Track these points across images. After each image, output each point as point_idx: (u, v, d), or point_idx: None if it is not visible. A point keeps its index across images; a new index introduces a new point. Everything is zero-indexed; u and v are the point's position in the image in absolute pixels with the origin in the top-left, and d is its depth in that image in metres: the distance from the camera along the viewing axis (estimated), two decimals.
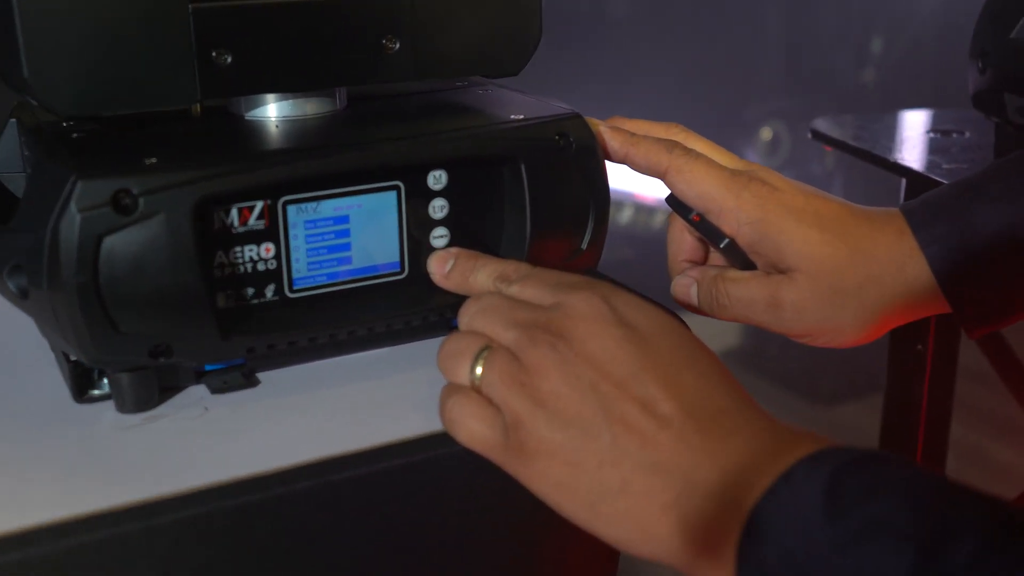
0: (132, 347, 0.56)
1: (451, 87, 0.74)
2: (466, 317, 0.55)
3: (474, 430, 0.51)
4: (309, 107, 0.65)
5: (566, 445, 0.49)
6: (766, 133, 2.35)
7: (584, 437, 0.48)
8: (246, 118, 0.65)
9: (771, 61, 2.38)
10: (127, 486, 0.52)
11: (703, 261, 0.70)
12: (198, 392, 0.61)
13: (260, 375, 0.63)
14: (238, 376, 0.61)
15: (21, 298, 0.57)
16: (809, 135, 1.13)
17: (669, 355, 0.50)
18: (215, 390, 0.61)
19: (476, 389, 0.52)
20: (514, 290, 0.55)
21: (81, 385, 0.60)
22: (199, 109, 0.66)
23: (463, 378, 0.52)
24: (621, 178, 0.69)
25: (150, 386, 0.59)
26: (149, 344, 0.57)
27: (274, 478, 0.53)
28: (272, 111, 0.65)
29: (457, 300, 0.58)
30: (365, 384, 0.62)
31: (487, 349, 0.52)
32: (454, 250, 0.61)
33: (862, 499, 0.42)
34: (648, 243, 2.21)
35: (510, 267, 0.58)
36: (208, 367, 0.61)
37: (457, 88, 0.73)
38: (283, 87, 0.63)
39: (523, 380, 0.50)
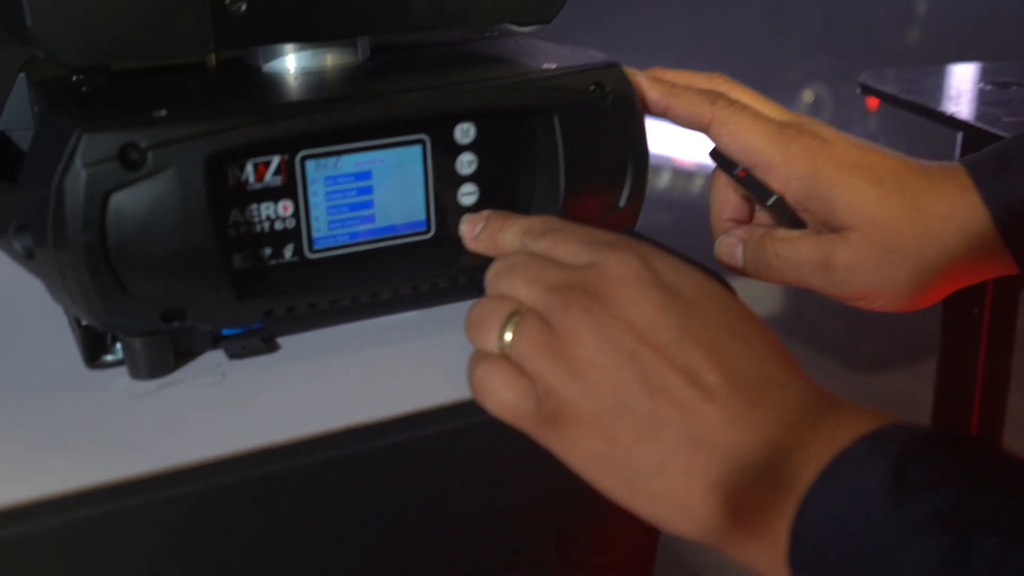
0: (143, 311, 0.53)
1: (480, 38, 0.70)
2: (492, 278, 0.51)
3: (505, 399, 0.48)
4: (329, 58, 0.62)
5: (602, 417, 0.45)
6: (808, 95, 2.29)
7: (621, 409, 0.45)
8: (263, 70, 0.61)
9: (810, 18, 2.31)
10: (139, 456, 0.49)
11: (748, 220, 0.66)
12: (216, 357, 0.58)
13: (280, 340, 0.60)
14: (257, 341, 0.58)
15: (27, 259, 0.54)
16: (858, 90, 1.08)
17: (714, 321, 0.46)
18: (233, 355, 0.58)
19: (506, 357, 0.48)
20: (543, 244, 0.51)
21: (93, 351, 0.57)
22: (214, 61, 0.62)
23: (492, 345, 0.49)
24: (658, 141, 0.65)
25: (165, 351, 0.56)
26: (161, 307, 0.54)
27: (294, 448, 0.50)
28: (291, 63, 0.61)
29: (488, 261, 0.54)
30: (390, 349, 0.59)
31: (516, 314, 0.48)
32: (486, 212, 0.57)
33: (931, 485, 0.39)
34: (687, 207, 2.17)
35: (537, 221, 0.53)
36: (225, 331, 0.58)
37: (486, 38, 0.69)
38: (301, 37, 0.60)
39: (556, 347, 0.46)
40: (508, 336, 0.48)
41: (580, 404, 0.45)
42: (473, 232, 0.56)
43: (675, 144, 2.20)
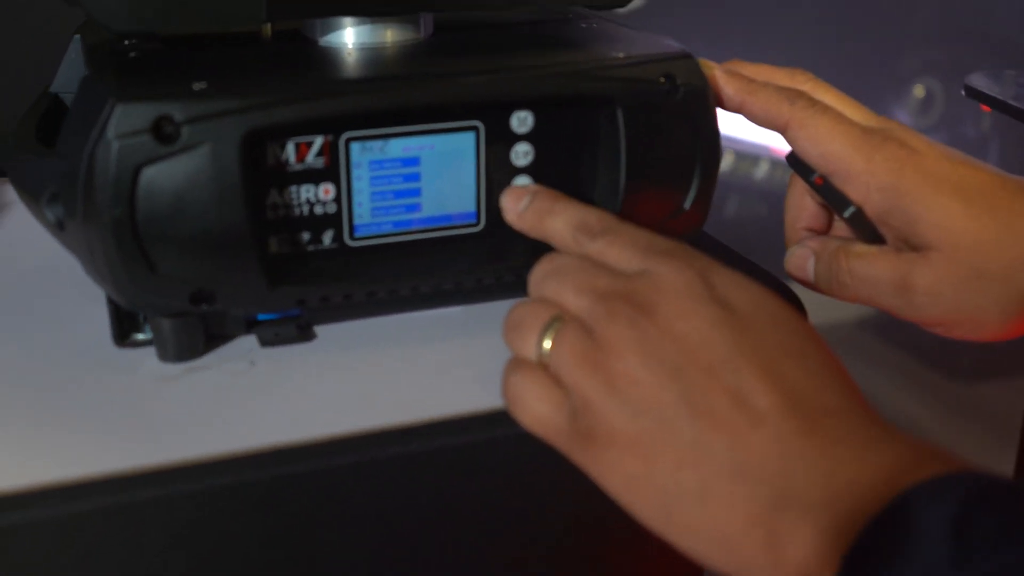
0: (171, 291, 0.51)
1: (552, 19, 0.66)
2: (536, 280, 0.48)
3: (538, 412, 0.44)
4: (389, 34, 0.59)
5: (641, 438, 0.41)
6: (918, 90, 2.20)
7: (662, 430, 0.41)
8: (320, 44, 0.59)
9: (925, 8, 2.21)
10: (152, 446, 0.47)
11: (825, 231, 0.61)
12: (249, 343, 0.56)
13: (318, 328, 0.57)
14: (292, 328, 0.56)
15: (59, 230, 0.52)
16: (963, 92, 1.02)
17: (770, 342, 0.42)
18: (265, 342, 0.55)
19: (544, 366, 0.45)
20: (596, 247, 0.48)
21: (123, 329, 0.55)
22: (269, 32, 0.60)
23: (529, 352, 0.45)
24: (757, 130, 0.60)
25: (194, 334, 0.54)
26: (190, 289, 0.51)
27: (308, 450, 0.48)
28: (349, 37, 0.58)
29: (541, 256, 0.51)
30: (429, 348, 0.56)
31: (558, 321, 0.45)
32: (533, 187, 0.53)
33: (996, 542, 0.35)
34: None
35: (594, 216, 0.50)
36: (260, 317, 0.55)
37: (557, 21, 0.66)
38: (358, 10, 0.57)
39: (596, 359, 0.43)
40: (547, 344, 0.45)
41: (618, 422, 0.42)
42: (517, 206, 0.52)
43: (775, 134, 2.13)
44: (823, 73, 0.61)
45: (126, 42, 0.57)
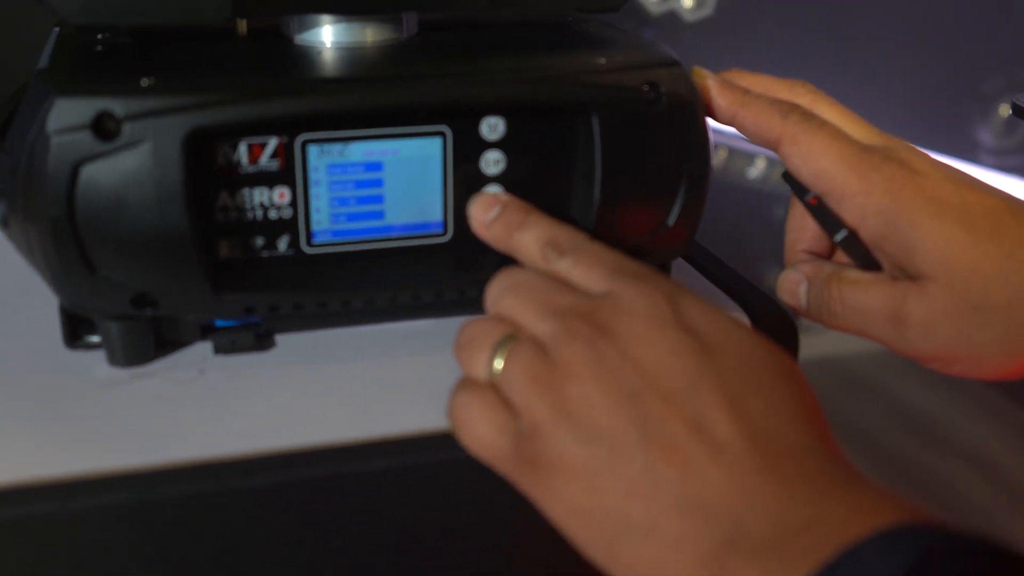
0: (112, 293, 0.49)
1: (546, 23, 0.63)
2: (493, 295, 0.45)
3: (482, 434, 0.41)
4: (369, 33, 0.56)
5: (589, 465, 0.38)
6: (1004, 110, 2.11)
7: (613, 458, 0.38)
8: (295, 42, 0.56)
9: (1011, 26, 2.12)
10: (84, 452, 0.46)
11: (828, 255, 0.57)
12: (205, 350, 0.54)
13: (279, 337, 0.55)
14: (249, 337, 0.53)
15: (4, 226, 0.51)
16: (1009, 111, 0.96)
17: (737, 374, 0.39)
18: (220, 350, 0.53)
19: (494, 386, 0.42)
20: (563, 264, 0.45)
21: (73, 330, 0.53)
22: (245, 29, 0.57)
23: (480, 372, 0.43)
24: None
25: (144, 338, 0.52)
26: (131, 292, 0.49)
27: (233, 466, 0.45)
28: (326, 35, 0.56)
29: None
30: (387, 362, 0.53)
31: (511, 339, 0.42)
32: (504, 196, 0.50)
33: None
34: None
35: (565, 234, 0.47)
36: (219, 323, 0.53)
37: (551, 23, 0.62)
38: (329, 7, 0.54)
39: (549, 380, 0.40)
40: (498, 363, 0.42)
41: (567, 448, 0.39)
42: (485, 216, 0.49)
43: None
44: (902, 92, 0.57)
45: (99, 36, 0.56)
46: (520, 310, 0.43)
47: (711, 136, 0.54)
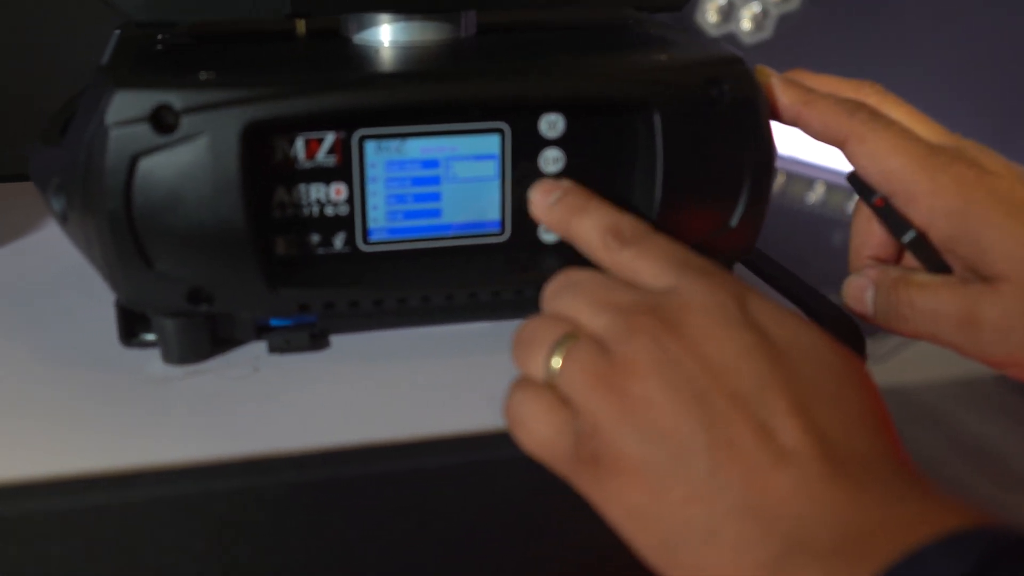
0: (168, 288, 0.49)
1: (606, 22, 0.62)
2: (550, 294, 0.44)
3: (539, 434, 0.40)
4: (427, 32, 0.56)
5: (650, 466, 0.37)
6: None
7: (674, 460, 0.37)
8: (354, 41, 0.56)
9: None
10: (137, 447, 0.45)
11: (895, 260, 0.55)
12: (260, 349, 0.53)
13: (334, 338, 0.54)
14: (304, 336, 0.53)
15: (63, 221, 0.51)
16: None
17: (806, 378, 0.38)
18: (274, 349, 0.53)
19: (552, 386, 0.41)
20: (626, 255, 0.44)
21: (129, 328, 0.53)
22: (303, 29, 0.57)
23: (537, 371, 0.41)
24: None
25: (199, 336, 0.52)
26: (187, 287, 0.49)
27: (287, 462, 0.45)
28: (384, 34, 0.55)
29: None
30: (443, 363, 0.52)
31: (570, 338, 0.41)
32: (567, 181, 0.49)
33: None
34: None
35: (628, 222, 0.46)
36: (273, 322, 0.53)
37: (610, 24, 0.62)
38: (387, 6, 0.54)
39: (610, 378, 0.39)
40: (556, 362, 0.41)
41: (627, 448, 0.38)
42: (546, 201, 0.49)
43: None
44: (968, 117, 0.55)
45: (159, 36, 0.56)
46: (579, 307, 0.42)
47: (774, 136, 0.53)
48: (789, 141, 0.54)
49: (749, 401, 0.37)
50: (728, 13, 1.76)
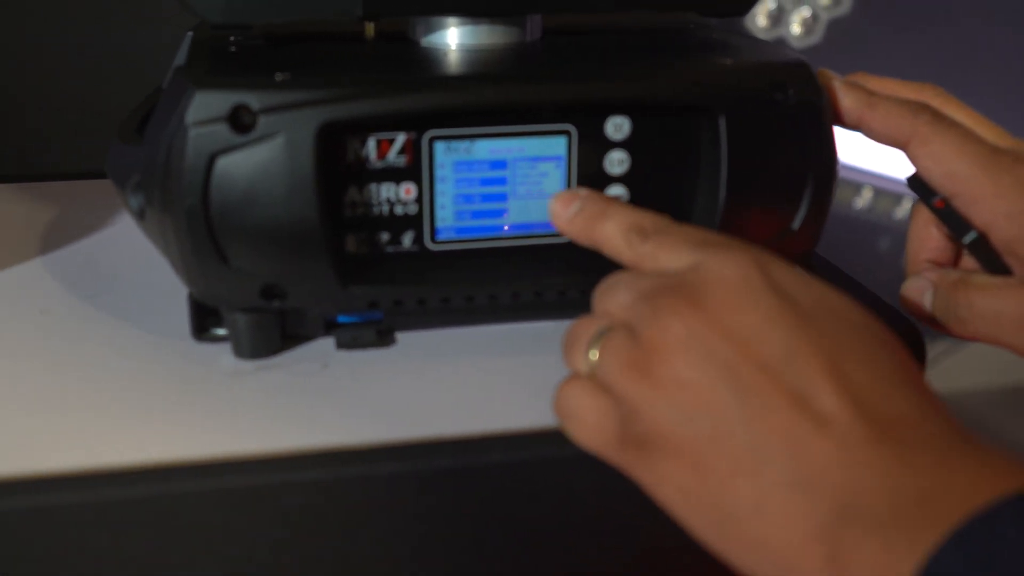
0: (243, 284, 0.50)
1: (670, 27, 0.63)
2: (596, 296, 0.45)
3: (586, 423, 0.41)
4: (493, 36, 0.57)
5: (692, 443, 0.37)
6: None
7: (714, 435, 0.37)
8: (422, 44, 0.57)
9: None
10: (210, 439, 0.46)
11: (952, 264, 0.56)
12: (329, 345, 0.54)
13: (401, 335, 0.55)
14: (371, 333, 0.54)
15: (140, 218, 0.52)
16: None
17: (837, 340, 0.38)
18: (342, 345, 0.54)
19: (593, 377, 0.42)
20: (648, 248, 0.44)
21: (201, 322, 0.54)
22: (372, 32, 0.59)
23: (580, 365, 0.42)
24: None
25: (270, 331, 0.53)
26: (261, 282, 0.50)
27: (357, 455, 0.46)
28: (451, 37, 0.56)
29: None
30: (509, 361, 0.53)
31: (607, 330, 0.41)
32: (583, 191, 0.50)
33: None
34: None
35: (648, 219, 0.46)
36: (340, 319, 0.54)
37: (674, 28, 0.62)
38: (457, 9, 0.55)
39: (641, 362, 0.39)
40: (594, 354, 0.41)
41: (667, 427, 0.38)
42: (567, 212, 0.49)
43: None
44: None
45: (231, 38, 0.57)
46: (614, 302, 0.43)
47: (837, 140, 0.54)
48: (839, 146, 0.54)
49: (780, 368, 0.37)
50: (778, 18, 1.76)
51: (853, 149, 0.45)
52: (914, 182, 0.53)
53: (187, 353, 0.54)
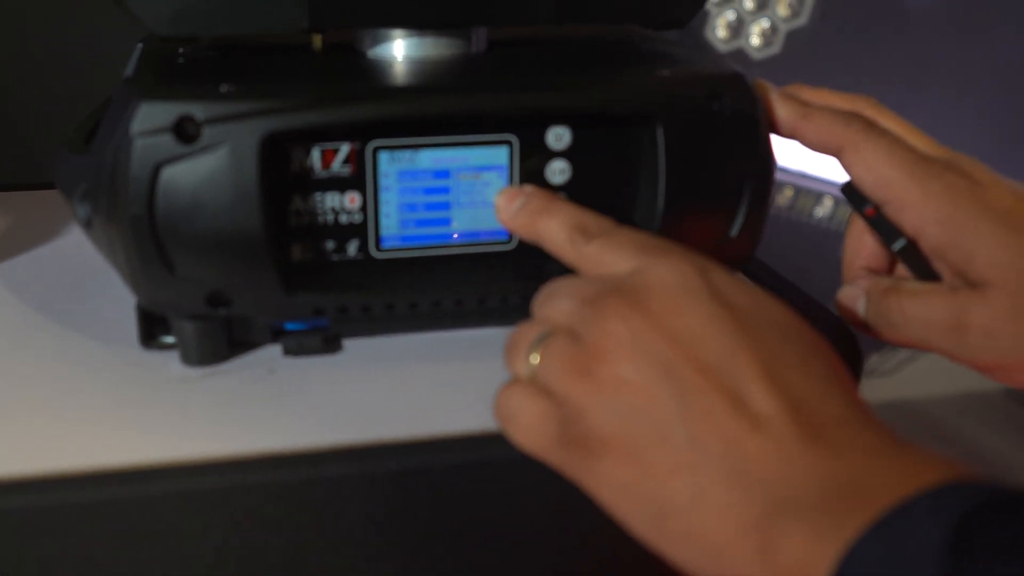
0: (189, 292, 0.51)
1: (612, 39, 0.64)
2: (537, 302, 0.46)
3: (526, 426, 0.42)
4: (439, 48, 0.58)
5: (632, 442, 0.39)
6: None
7: (655, 434, 0.38)
8: (368, 56, 0.58)
9: None
10: (157, 444, 0.47)
11: (887, 271, 0.57)
12: (276, 352, 0.55)
13: (348, 342, 0.56)
14: (317, 340, 0.55)
15: (88, 227, 0.53)
16: None
17: (772, 344, 0.40)
18: (289, 352, 0.55)
19: (535, 380, 0.43)
20: (592, 248, 0.46)
21: (149, 330, 0.55)
22: (320, 43, 0.59)
23: (522, 369, 0.43)
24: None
25: (217, 339, 0.54)
26: (206, 290, 0.51)
27: (302, 459, 0.46)
28: (398, 49, 0.57)
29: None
30: (451, 366, 0.54)
31: (548, 334, 0.43)
32: (528, 187, 0.51)
33: (998, 556, 0.32)
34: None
35: (592, 219, 0.47)
36: (288, 326, 0.55)
37: (616, 40, 0.64)
38: (402, 22, 0.56)
39: (583, 363, 0.40)
40: (535, 358, 0.42)
41: (609, 428, 0.39)
42: (511, 207, 0.50)
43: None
44: (975, 136, 0.57)
45: (180, 50, 0.58)
46: (555, 306, 0.44)
47: (774, 149, 0.55)
48: (798, 156, 0.56)
49: (719, 370, 0.38)
50: (737, 29, 1.78)
51: (814, 159, 0.46)
52: (847, 190, 0.55)
53: (136, 361, 0.54)
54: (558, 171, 0.54)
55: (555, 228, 0.47)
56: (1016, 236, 0.49)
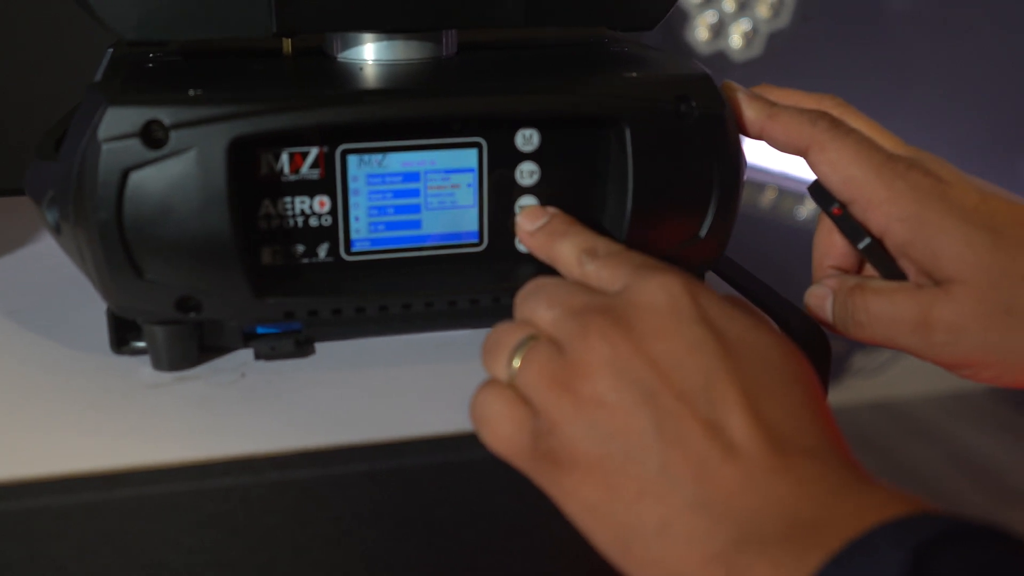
0: (158, 297, 0.51)
1: (583, 42, 0.64)
2: (518, 301, 0.46)
3: (500, 431, 0.42)
4: (409, 51, 0.58)
5: (603, 463, 0.39)
6: None
7: (627, 457, 0.39)
8: (338, 60, 0.58)
9: None
10: (128, 448, 0.47)
11: (856, 270, 0.57)
12: (246, 356, 0.55)
13: (320, 346, 0.56)
14: (289, 343, 0.55)
15: (56, 233, 0.53)
16: None
17: (753, 374, 0.40)
18: (260, 356, 0.55)
19: (513, 386, 0.43)
20: (593, 267, 0.47)
21: (120, 335, 0.55)
22: (289, 48, 0.59)
23: (501, 372, 0.44)
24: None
25: (187, 343, 0.54)
26: (176, 295, 0.51)
27: (273, 462, 0.47)
28: (367, 53, 0.58)
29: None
30: (424, 368, 0.54)
31: (531, 339, 0.43)
32: (552, 209, 0.52)
33: None
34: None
35: (603, 243, 0.48)
36: (259, 330, 0.55)
37: (586, 43, 0.64)
38: (370, 25, 0.56)
39: (564, 379, 0.41)
40: (516, 363, 0.43)
41: (582, 446, 0.40)
42: (531, 226, 0.52)
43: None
44: (955, 137, 0.57)
45: (150, 55, 0.58)
46: (539, 311, 0.44)
47: (743, 149, 0.55)
48: (780, 157, 0.56)
49: (697, 398, 0.39)
50: (719, 30, 1.78)
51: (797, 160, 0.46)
52: (814, 190, 0.55)
53: (107, 366, 0.54)
54: (527, 173, 0.55)
55: (567, 250, 0.48)
56: (981, 234, 0.50)
